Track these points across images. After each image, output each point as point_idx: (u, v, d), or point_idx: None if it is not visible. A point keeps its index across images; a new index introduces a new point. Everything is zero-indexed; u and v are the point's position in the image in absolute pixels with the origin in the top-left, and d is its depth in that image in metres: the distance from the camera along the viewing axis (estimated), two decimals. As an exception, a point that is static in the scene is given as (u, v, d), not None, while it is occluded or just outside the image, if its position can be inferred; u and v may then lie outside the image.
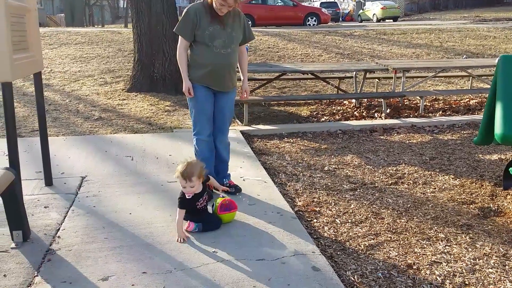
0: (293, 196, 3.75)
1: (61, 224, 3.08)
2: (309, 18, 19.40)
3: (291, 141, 5.35)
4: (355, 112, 6.68)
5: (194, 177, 2.90)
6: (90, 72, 8.92)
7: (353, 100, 7.18)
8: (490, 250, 2.90)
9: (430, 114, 6.58)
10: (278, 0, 20.40)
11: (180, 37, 3.40)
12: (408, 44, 12.14)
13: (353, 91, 7.51)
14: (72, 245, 2.80)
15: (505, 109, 3.62)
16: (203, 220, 3.03)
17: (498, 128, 3.64)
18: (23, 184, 3.21)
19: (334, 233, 3.12)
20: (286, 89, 8.19)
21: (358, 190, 3.88)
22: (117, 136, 5.32)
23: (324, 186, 3.96)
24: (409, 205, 3.58)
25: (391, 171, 4.34)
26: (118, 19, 51.51)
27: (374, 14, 29.19)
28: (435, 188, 3.95)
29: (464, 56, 10.29)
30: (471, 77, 7.73)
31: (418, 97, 7.02)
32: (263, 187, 3.77)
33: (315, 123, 6.20)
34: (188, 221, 3.02)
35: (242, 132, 5.53)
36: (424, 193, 3.84)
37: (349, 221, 3.29)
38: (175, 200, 3.08)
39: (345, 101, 7.34)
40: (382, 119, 6.27)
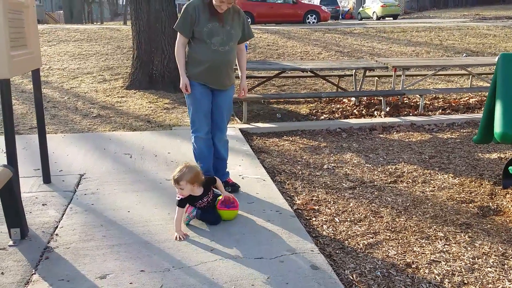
0: (292, 195, 3.74)
1: (59, 222, 3.07)
2: (309, 16, 19.36)
3: (290, 139, 5.34)
4: (355, 110, 6.67)
5: (183, 182, 2.92)
6: (89, 69, 8.90)
7: (353, 98, 7.16)
8: (489, 249, 2.89)
9: (430, 113, 6.57)
10: (278, -2, 20.37)
11: (179, 33, 3.39)
12: (408, 42, 12.13)
13: (353, 89, 7.50)
14: (70, 243, 2.79)
15: (505, 108, 3.61)
16: (205, 209, 3.07)
17: (498, 127, 3.63)
18: (21, 182, 3.21)
19: (333, 232, 3.11)
20: (286, 87, 8.18)
21: (357, 189, 3.87)
22: (116, 134, 5.30)
23: (323, 185, 3.95)
24: (408, 204, 3.57)
25: (391, 170, 4.33)
26: (117, 16, 51.39)
27: (374, 12, 29.16)
28: (435, 187, 3.94)
29: (464, 55, 10.28)
30: (471, 76, 7.72)
31: (418, 96, 7.01)
32: (262, 185, 3.76)
33: (315, 121, 6.19)
34: (189, 206, 3.08)
35: (241, 130, 5.52)
36: (423, 192, 3.84)
37: (348, 220, 3.29)
38: (174, 198, 3.07)
39: (345, 99, 7.32)
40: (382, 118, 6.26)
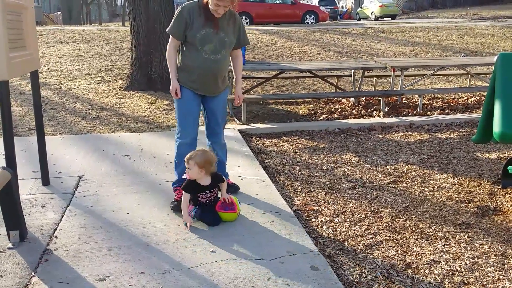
0: (292, 195, 3.74)
1: (58, 224, 3.06)
2: (307, 16, 19.39)
3: (290, 140, 5.34)
4: (354, 111, 6.67)
5: (192, 161, 3.00)
6: (87, 71, 8.89)
7: (352, 99, 7.16)
8: (489, 249, 2.89)
9: (429, 113, 6.57)
10: (276, -2, 20.39)
11: (171, 36, 3.29)
12: (407, 42, 12.14)
13: (352, 90, 7.50)
14: (69, 245, 2.78)
15: (504, 108, 3.61)
16: (204, 209, 3.08)
17: (497, 127, 3.63)
18: (20, 184, 3.20)
19: (333, 232, 3.11)
20: (284, 88, 8.17)
21: (357, 189, 3.87)
22: (115, 135, 5.30)
23: (323, 185, 3.95)
24: (408, 204, 3.57)
25: (390, 170, 4.33)
26: (116, 17, 51.39)
27: (372, 12, 29.20)
28: (434, 187, 3.94)
29: (463, 54, 10.29)
30: (470, 76, 7.73)
31: (417, 96, 7.01)
32: (261, 186, 3.76)
33: (314, 122, 6.19)
34: (190, 205, 3.11)
35: (240, 131, 5.52)
36: (423, 192, 3.83)
37: (348, 220, 3.28)
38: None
39: (344, 100, 7.32)
40: (381, 118, 6.26)
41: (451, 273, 2.62)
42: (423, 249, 2.88)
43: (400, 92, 6.75)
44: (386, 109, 6.53)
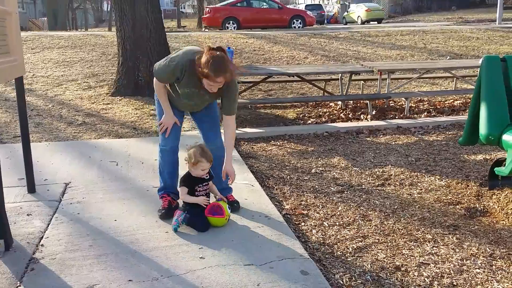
0: (281, 200, 3.73)
1: (45, 232, 3.02)
2: (295, 21, 19.45)
3: (278, 144, 5.34)
4: (341, 114, 6.70)
5: (204, 160, 3.07)
6: (74, 77, 8.81)
7: (339, 102, 7.19)
8: (477, 251, 2.91)
9: (416, 115, 6.62)
10: (263, 3, 20.43)
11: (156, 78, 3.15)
12: (393, 46, 12.24)
13: (339, 93, 7.53)
14: (56, 254, 2.74)
15: (489, 110, 3.66)
16: (193, 214, 3.06)
17: (483, 129, 3.67)
18: (5, 192, 3.13)
19: (322, 236, 3.11)
20: (272, 92, 8.18)
21: (346, 192, 3.88)
22: (101, 141, 5.25)
23: (312, 189, 3.95)
24: (396, 207, 3.59)
25: (378, 173, 4.35)
26: (102, 23, 51.16)
27: (359, 16, 29.44)
28: (422, 189, 3.96)
29: (448, 57, 10.40)
30: (455, 78, 7.81)
31: (403, 99, 7.06)
32: (250, 191, 3.75)
33: (302, 126, 6.20)
34: (177, 210, 3.12)
35: (229, 136, 5.49)
36: (411, 194, 3.85)
37: (337, 224, 3.28)
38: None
39: (331, 103, 7.35)
40: (368, 121, 6.29)
41: (440, 275, 2.63)
42: (412, 252, 2.89)
43: (387, 95, 6.79)
44: (374, 112, 6.57)
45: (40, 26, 34.43)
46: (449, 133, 5.76)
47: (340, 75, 7.36)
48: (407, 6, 36.75)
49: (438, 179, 4.18)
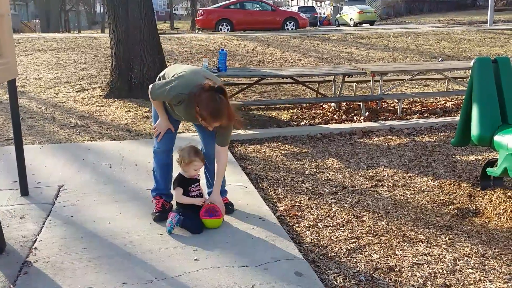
0: (275, 201, 3.74)
1: (38, 235, 3.01)
2: (288, 23, 19.50)
3: (272, 146, 5.35)
4: (335, 116, 6.72)
5: (197, 158, 3.12)
6: (66, 79, 8.78)
7: (332, 104, 7.22)
8: (470, 251, 2.93)
9: (408, 117, 6.66)
10: (257, 5, 20.47)
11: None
12: (385, 48, 12.30)
13: (332, 95, 7.56)
14: (50, 257, 2.73)
15: (481, 111, 3.69)
16: (187, 216, 3.05)
17: (475, 129, 3.71)
18: (-2, 195, 3.13)
19: (316, 237, 3.12)
20: (266, 94, 8.19)
21: (339, 194, 3.89)
22: (95, 144, 5.23)
23: (306, 190, 3.96)
24: (390, 208, 3.61)
25: (371, 174, 4.37)
26: (95, 25, 51.01)
27: (351, 19, 29.56)
28: (415, 190, 3.99)
29: (440, 59, 10.47)
30: (447, 80, 7.86)
31: (396, 100, 7.10)
32: (245, 193, 3.75)
33: (295, 127, 6.21)
34: (171, 212, 3.13)
35: (222, 137, 5.50)
36: (404, 195, 3.88)
37: (331, 225, 3.30)
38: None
39: (325, 105, 7.37)
40: (361, 122, 6.32)
41: (433, 275, 2.65)
42: (406, 252, 2.91)
43: (380, 97, 6.83)
44: (367, 114, 6.60)
45: (33, 28, 34.24)
46: (442, 134, 5.79)
47: (333, 77, 7.39)
48: (399, 8, 36.96)
49: (431, 180, 4.21)
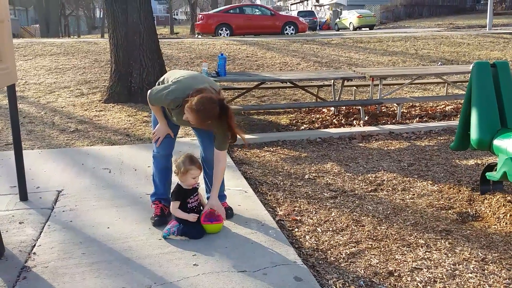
0: (274, 206, 3.73)
1: (37, 240, 3.00)
2: (287, 27, 19.55)
3: (271, 150, 5.35)
4: (334, 120, 6.73)
5: (194, 167, 3.07)
6: (66, 84, 8.79)
7: (332, 108, 7.23)
8: (469, 255, 2.93)
9: (407, 121, 6.66)
10: (256, 10, 20.54)
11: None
12: (384, 52, 12.32)
13: (332, 99, 7.57)
14: (48, 262, 2.72)
15: (480, 115, 3.69)
16: (187, 225, 3.03)
17: (474, 134, 3.71)
18: (-3, 200, 3.13)
19: (316, 242, 3.11)
20: (265, 98, 8.20)
21: (339, 198, 3.89)
22: (94, 148, 5.23)
23: (305, 195, 3.96)
24: (389, 212, 3.60)
25: (371, 178, 4.37)
26: (95, 30, 51.12)
27: (351, 23, 29.63)
28: (414, 194, 3.98)
29: (439, 63, 10.49)
30: (447, 84, 7.88)
31: (395, 104, 7.11)
32: (244, 197, 3.75)
33: (295, 132, 6.21)
34: (173, 220, 3.08)
35: (222, 142, 5.49)
36: (403, 200, 3.87)
37: (330, 230, 3.29)
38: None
39: (324, 109, 7.38)
40: (361, 127, 6.33)
41: (433, 280, 2.64)
42: (405, 257, 2.90)
43: (379, 101, 6.83)
44: (366, 118, 6.60)
45: (33, 33, 34.32)
46: (441, 138, 5.80)
47: (333, 81, 7.40)
48: (398, 13, 37.05)
49: (430, 184, 4.21)
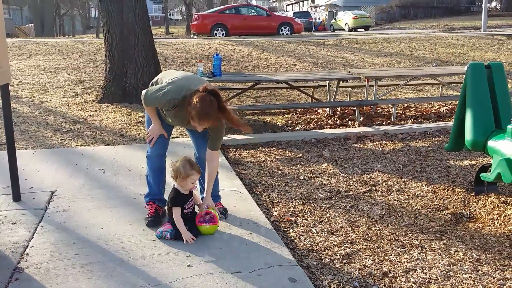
0: (269, 206, 3.73)
1: (30, 241, 2.98)
2: (283, 28, 19.55)
3: (266, 151, 5.34)
4: (329, 121, 6.73)
5: (194, 172, 3.02)
6: (60, 83, 8.74)
7: (327, 109, 7.23)
8: (464, 256, 2.93)
9: (402, 122, 6.67)
10: (252, 10, 20.53)
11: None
12: (380, 53, 12.35)
13: (327, 100, 7.57)
14: (41, 263, 2.70)
15: (475, 116, 3.70)
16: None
17: (468, 135, 3.72)
18: (-11, 200, 3.10)
19: (310, 243, 3.11)
20: (261, 99, 8.19)
21: (334, 199, 3.89)
22: (88, 149, 5.21)
23: (300, 195, 3.95)
24: (384, 213, 3.60)
25: (365, 179, 4.37)
26: (90, 29, 50.94)
27: (346, 24, 29.67)
28: (409, 195, 3.99)
29: (434, 64, 10.52)
30: (441, 85, 7.90)
31: (390, 105, 7.12)
32: (239, 198, 3.74)
33: (290, 132, 6.21)
34: (168, 223, 3.04)
35: (217, 142, 5.48)
36: (398, 200, 3.87)
37: (325, 230, 3.29)
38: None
39: (319, 110, 7.38)
40: (356, 127, 6.33)
41: (427, 281, 2.64)
42: (400, 258, 2.90)
43: (374, 102, 6.84)
44: (361, 119, 6.61)
45: (27, 33, 34.14)
46: (436, 139, 5.81)
47: (328, 82, 7.40)
48: (394, 14, 37.14)
49: (425, 185, 4.21)
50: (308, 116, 7.08)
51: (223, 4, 29.41)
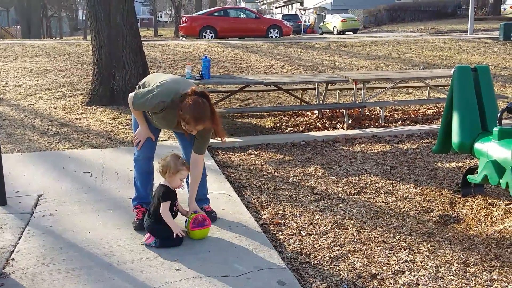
0: (258, 209, 3.72)
1: (16, 246, 2.94)
2: (272, 30, 19.59)
3: (255, 153, 5.33)
4: (318, 123, 6.75)
5: (184, 167, 3.03)
6: (47, 86, 8.66)
7: (316, 111, 7.25)
8: (451, 258, 2.95)
9: (390, 124, 6.71)
10: (241, 13, 20.55)
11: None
12: (368, 56, 12.42)
13: (316, 103, 7.59)
14: (27, 268, 2.66)
15: (461, 118, 3.74)
16: (165, 232, 2.95)
17: (455, 137, 3.75)
18: (-26, 205, 3.05)
19: (299, 246, 3.11)
20: (250, 101, 8.19)
21: (322, 201, 3.89)
22: (75, 152, 5.16)
23: (289, 198, 3.95)
24: (372, 215, 3.62)
25: (354, 181, 4.39)
26: (77, 31, 50.60)
27: (335, 27, 29.81)
28: (397, 197, 4.01)
29: (422, 67, 10.61)
30: (429, 88, 7.96)
31: (378, 108, 7.16)
32: (228, 201, 3.73)
33: (279, 135, 6.21)
34: (148, 234, 2.98)
35: (206, 145, 5.47)
36: (386, 202, 3.89)
37: (314, 233, 3.29)
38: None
39: (308, 112, 7.40)
40: (344, 130, 6.35)
41: (416, 283, 2.65)
42: (388, 260, 2.91)
43: (363, 105, 6.88)
44: (350, 121, 6.64)
45: (13, 34, 33.75)
46: (423, 142, 5.85)
47: (317, 85, 7.41)
48: (382, 17, 37.40)
49: (413, 187, 4.24)
50: (297, 119, 7.09)
51: (212, 7, 29.37)
